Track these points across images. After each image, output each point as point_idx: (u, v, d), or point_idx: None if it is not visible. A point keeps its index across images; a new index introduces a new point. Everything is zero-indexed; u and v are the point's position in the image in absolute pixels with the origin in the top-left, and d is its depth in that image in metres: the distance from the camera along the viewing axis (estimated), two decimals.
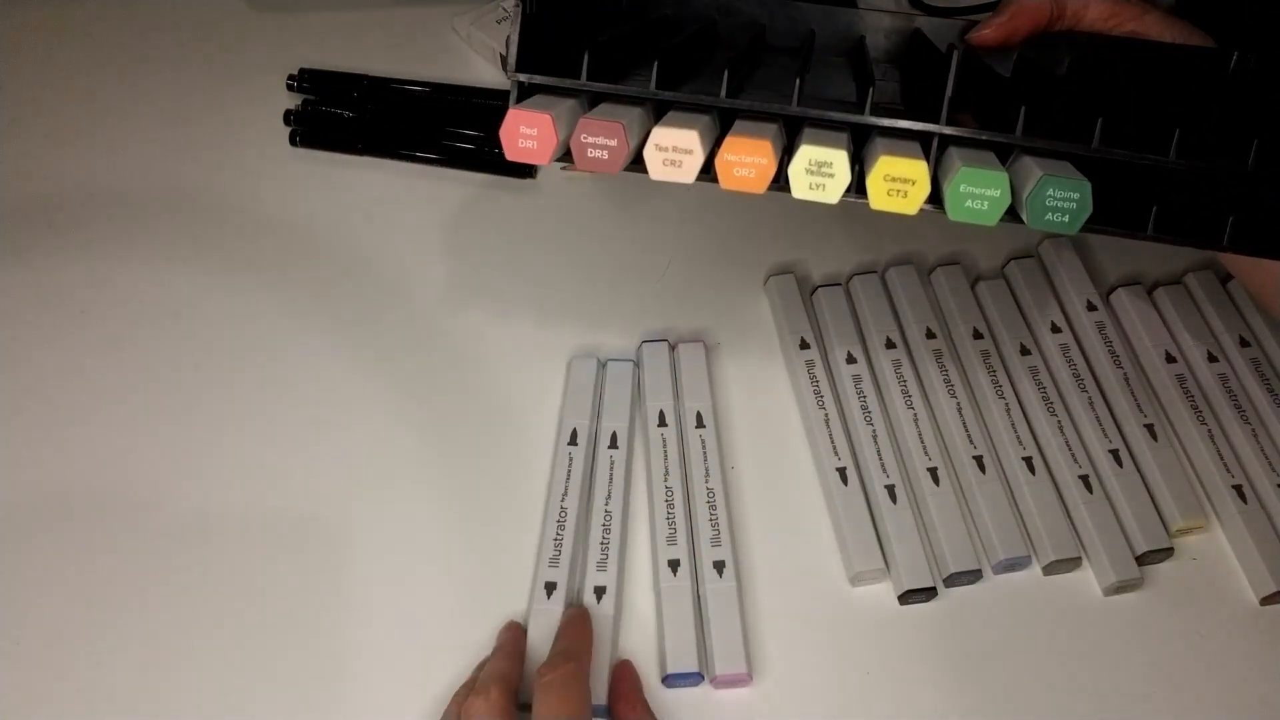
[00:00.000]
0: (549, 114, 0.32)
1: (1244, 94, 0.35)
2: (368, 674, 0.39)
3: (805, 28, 0.42)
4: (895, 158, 0.31)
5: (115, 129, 0.57)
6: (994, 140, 0.32)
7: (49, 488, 0.43)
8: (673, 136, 0.32)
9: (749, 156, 0.32)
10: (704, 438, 0.44)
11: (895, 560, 0.40)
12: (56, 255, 0.51)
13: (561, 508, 0.42)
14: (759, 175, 0.32)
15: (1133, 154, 0.31)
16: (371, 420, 0.45)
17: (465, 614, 0.40)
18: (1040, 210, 0.30)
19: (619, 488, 0.42)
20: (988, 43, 0.38)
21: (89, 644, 0.39)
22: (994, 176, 0.30)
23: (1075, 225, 0.30)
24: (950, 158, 0.32)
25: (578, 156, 0.33)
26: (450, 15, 0.62)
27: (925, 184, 0.31)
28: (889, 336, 0.47)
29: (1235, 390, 0.45)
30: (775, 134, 0.33)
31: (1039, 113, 0.32)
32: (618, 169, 0.33)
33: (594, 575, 0.40)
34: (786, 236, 0.52)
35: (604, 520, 0.41)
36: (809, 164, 0.31)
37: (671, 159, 0.32)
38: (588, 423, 0.44)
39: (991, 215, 0.31)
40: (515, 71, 0.34)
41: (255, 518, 0.42)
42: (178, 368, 0.47)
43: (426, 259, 0.51)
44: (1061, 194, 0.30)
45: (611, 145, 0.32)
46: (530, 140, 0.33)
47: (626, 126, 0.32)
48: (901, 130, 0.33)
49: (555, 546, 0.40)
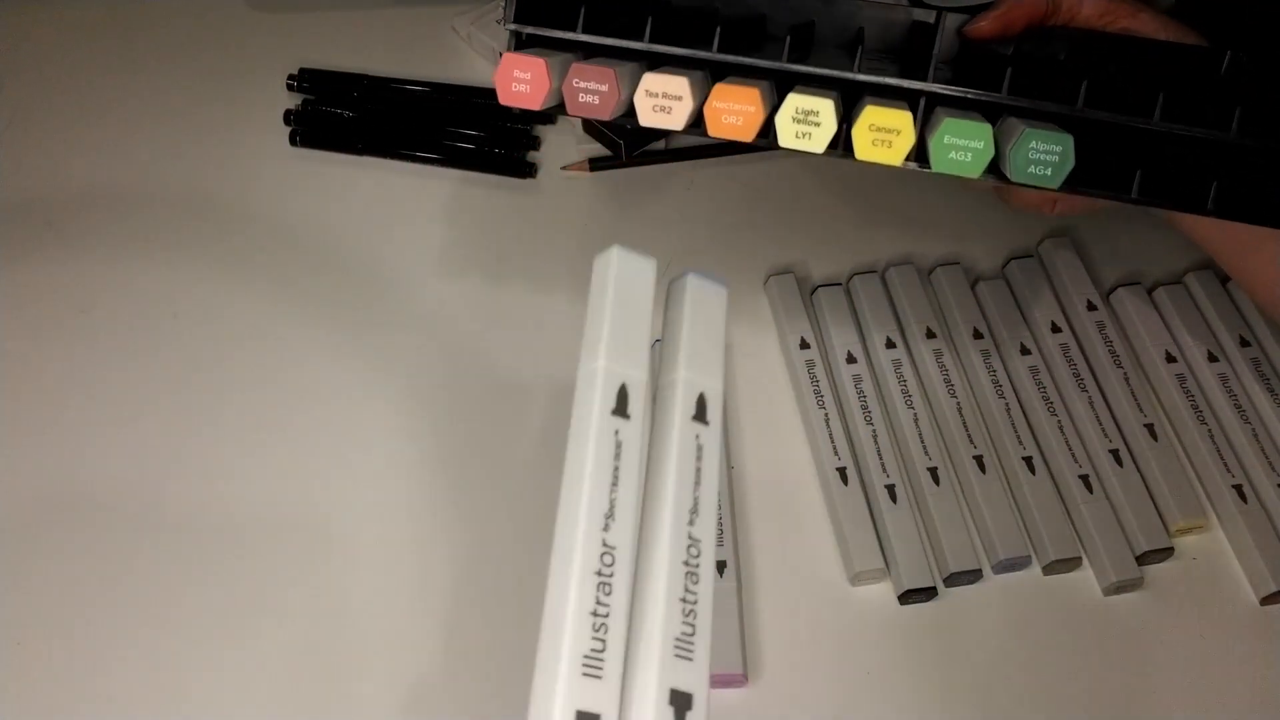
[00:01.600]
0: (543, 58, 0.33)
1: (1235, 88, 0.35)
2: (370, 675, 0.39)
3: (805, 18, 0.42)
4: (881, 108, 0.31)
5: (115, 129, 0.57)
6: (981, 99, 0.33)
7: (49, 488, 0.43)
8: (663, 83, 0.32)
9: (737, 104, 0.32)
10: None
11: (895, 560, 0.40)
12: (56, 255, 0.51)
13: None
14: (746, 123, 0.32)
15: (1117, 115, 0.32)
16: (371, 418, 0.45)
17: (468, 615, 0.40)
18: (1023, 163, 0.31)
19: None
20: (984, 35, 0.38)
21: (89, 644, 0.39)
22: (978, 128, 0.31)
23: (1057, 179, 0.31)
24: (937, 115, 0.33)
25: (569, 101, 0.33)
26: (450, 15, 0.62)
27: (910, 134, 0.31)
28: (889, 336, 0.47)
29: (1235, 390, 0.45)
30: (766, 87, 0.33)
31: (1026, 76, 0.32)
32: (609, 114, 0.33)
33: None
34: (786, 236, 0.52)
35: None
36: (796, 112, 0.32)
37: (661, 105, 0.33)
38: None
39: (975, 167, 0.31)
40: (513, 22, 0.35)
41: (257, 517, 0.42)
42: (177, 367, 0.47)
43: (426, 259, 0.51)
44: (1044, 147, 0.31)
45: (603, 90, 0.33)
46: (524, 84, 0.33)
47: (618, 73, 0.33)
48: (890, 91, 0.33)
49: None
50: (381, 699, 0.38)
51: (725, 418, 0.45)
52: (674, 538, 0.24)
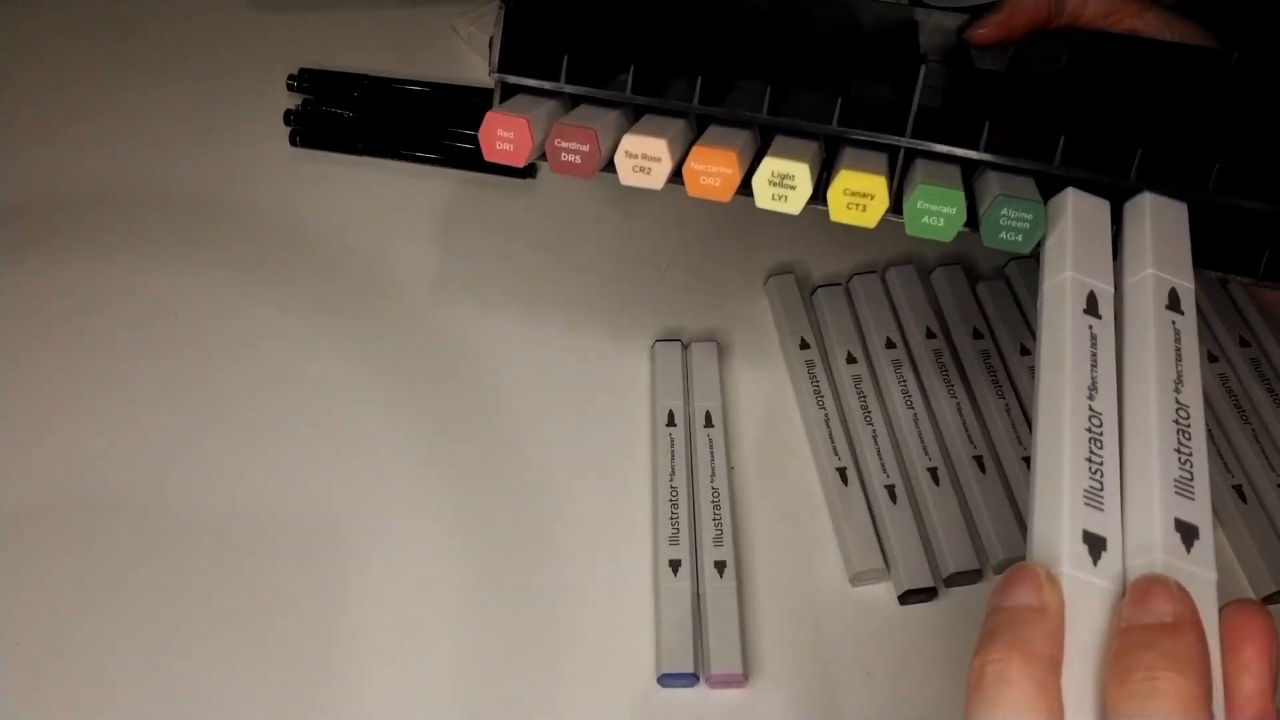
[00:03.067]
0: (525, 118, 0.33)
1: (1245, 95, 0.35)
2: (372, 674, 0.39)
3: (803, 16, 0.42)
4: (854, 172, 0.31)
5: (115, 129, 0.57)
6: (958, 156, 0.33)
7: (48, 487, 0.43)
8: (642, 144, 0.33)
9: (714, 166, 0.32)
10: (711, 437, 0.44)
11: (895, 560, 0.40)
12: (56, 255, 0.51)
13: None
14: (724, 184, 0.32)
15: (1095, 174, 0.31)
16: (371, 418, 0.45)
17: (470, 615, 0.40)
18: (994, 229, 0.31)
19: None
20: (985, 41, 0.38)
21: (89, 644, 0.39)
22: (950, 195, 0.31)
23: (1028, 245, 0.31)
24: (914, 170, 0.33)
25: (552, 160, 0.34)
26: (450, 15, 0.62)
27: (884, 199, 0.31)
28: (889, 336, 0.47)
29: (1235, 390, 0.45)
30: (745, 142, 0.33)
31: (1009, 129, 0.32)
32: (591, 174, 0.34)
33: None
34: (786, 236, 0.52)
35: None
36: (771, 175, 0.32)
37: (641, 165, 0.33)
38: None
39: (947, 232, 0.31)
40: (497, 72, 0.35)
41: (258, 517, 0.42)
42: (177, 367, 0.47)
43: (426, 259, 0.51)
44: (1015, 214, 0.30)
45: (584, 150, 0.33)
46: (507, 143, 0.34)
47: (599, 132, 0.33)
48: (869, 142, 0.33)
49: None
50: (386, 700, 0.38)
51: (725, 417, 0.45)
52: (1161, 401, 0.25)
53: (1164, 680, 0.21)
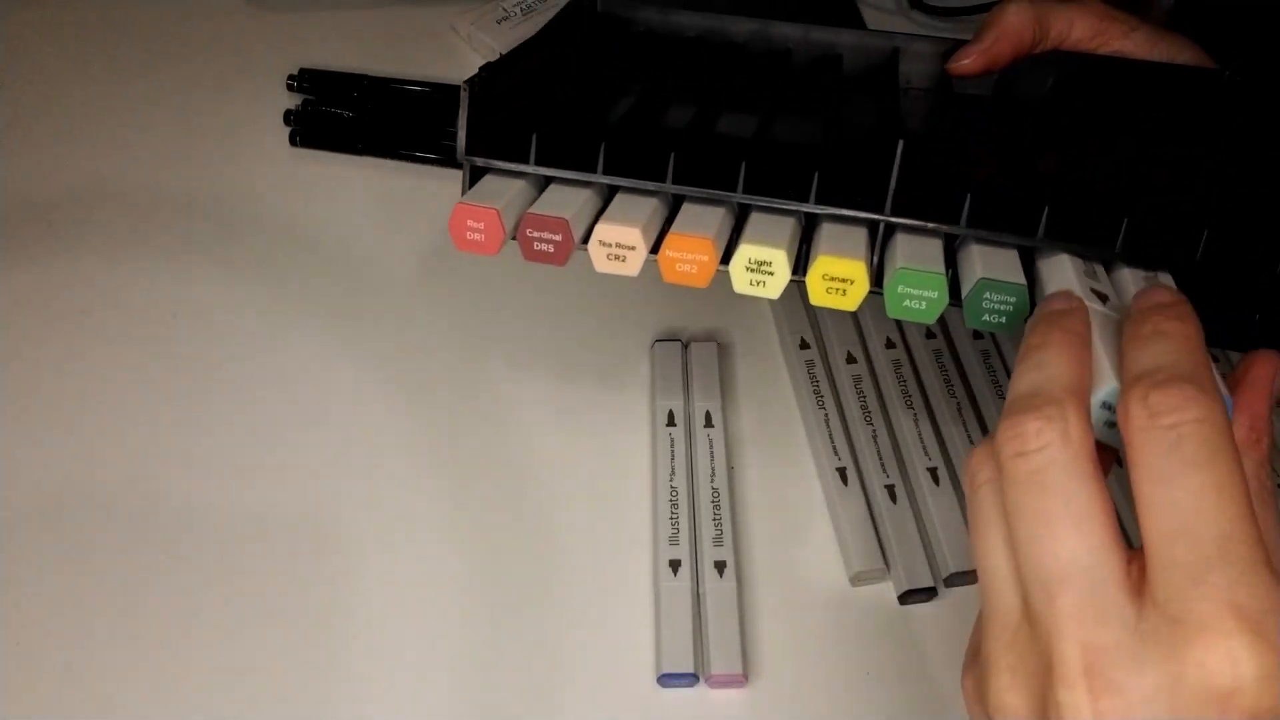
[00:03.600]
0: (495, 208, 0.33)
1: (1238, 112, 0.35)
2: (372, 674, 0.39)
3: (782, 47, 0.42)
4: (833, 258, 0.31)
5: (115, 129, 0.57)
6: (939, 230, 0.32)
7: (48, 488, 0.43)
8: (615, 233, 0.32)
9: (690, 254, 0.32)
10: (711, 437, 0.44)
11: (895, 560, 0.40)
12: (56, 255, 0.51)
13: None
14: (700, 271, 0.32)
15: (1078, 247, 0.31)
16: (371, 417, 0.45)
17: (470, 615, 0.40)
18: (978, 312, 0.30)
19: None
20: (969, 72, 0.37)
21: (89, 644, 0.39)
22: (931, 279, 0.30)
23: (1011, 327, 0.30)
24: (894, 246, 0.32)
25: (524, 250, 0.33)
26: (450, 15, 0.62)
27: (864, 283, 0.31)
28: (889, 336, 0.47)
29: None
30: (720, 222, 0.33)
31: (985, 206, 0.31)
32: (564, 261, 0.33)
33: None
34: None
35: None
36: (749, 263, 0.31)
37: (615, 254, 0.32)
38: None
39: (930, 315, 0.31)
40: (465, 154, 0.35)
41: (258, 517, 0.42)
42: (177, 367, 0.47)
43: (426, 259, 0.51)
44: (999, 298, 0.30)
45: (557, 240, 0.33)
46: (478, 233, 0.33)
47: (571, 221, 0.32)
48: (848, 216, 0.33)
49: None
50: (386, 699, 0.38)
51: (725, 417, 0.45)
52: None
53: (1169, 325, 0.24)
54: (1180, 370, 0.22)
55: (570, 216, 0.32)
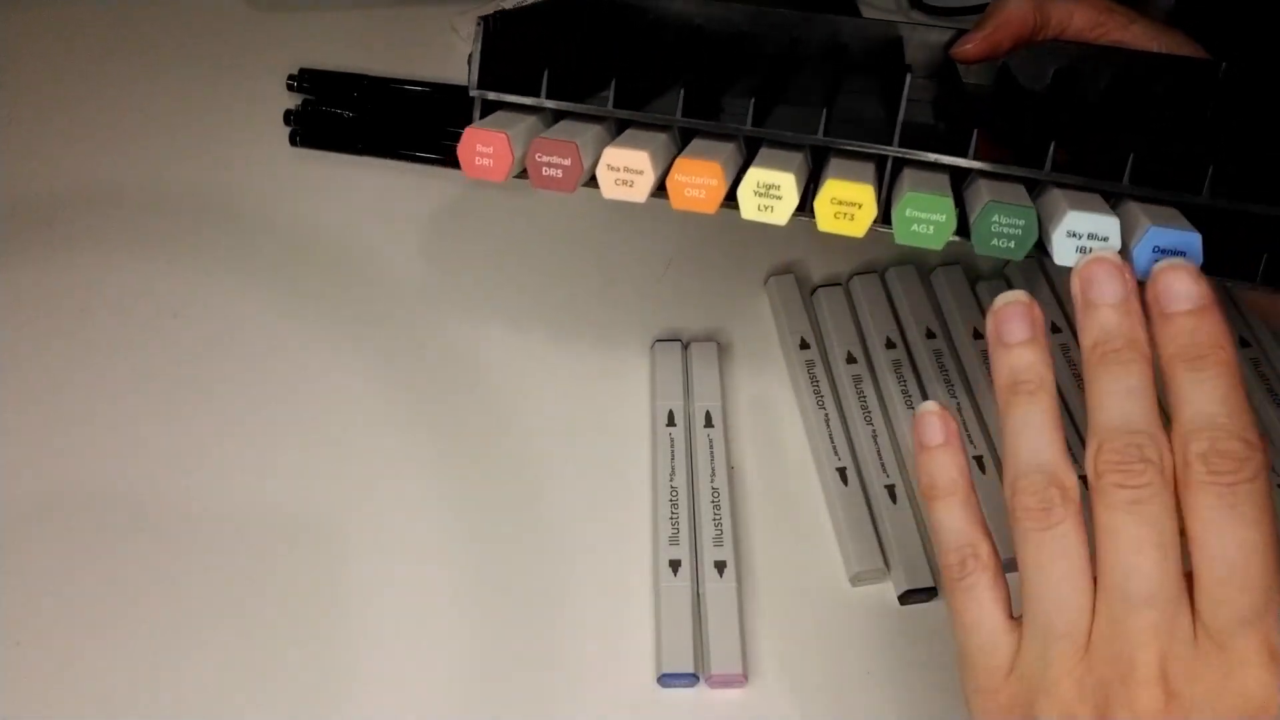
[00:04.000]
0: (504, 132, 0.33)
1: (1236, 106, 0.35)
2: (373, 674, 0.39)
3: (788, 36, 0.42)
4: (842, 181, 0.31)
5: (115, 129, 0.57)
6: (948, 164, 0.32)
7: (49, 488, 0.43)
8: (624, 157, 0.32)
9: (699, 178, 0.32)
10: (711, 437, 0.44)
11: (895, 560, 0.40)
12: (56, 255, 0.51)
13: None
14: (709, 196, 0.32)
15: (1087, 180, 0.31)
16: (371, 419, 0.46)
17: (470, 616, 0.40)
18: (986, 236, 0.30)
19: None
20: (971, 57, 0.37)
21: (89, 644, 0.39)
22: (939, 201, 0.30)
23: (1021, 252, 0.30)
24: (902, 180, 0.32)
25: (533, 176, 0.33)
26: (450, 15, 0.62)
27: (872, 208, 0.31)
28: (889, 336, 0.47)
29: None
30: (730, 154, 0.33)
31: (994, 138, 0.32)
32: (573, 188, 0.33)
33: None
34: (787, 236, 0.52)
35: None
36: (757, 186, 0.31)
37: (623, 179, 0.33)
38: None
39: (937, 240, 0.31)
40: (476, 89, 0.35)
41: (259, 517, 0.42)
42: (177, 368, 0.47)
43: (426, 259, 0.51)
44: (1007, 221, 0.30)
45: (565, 165, 0.33)
46: (486, 158, 0.33)
47: (581, 146, 0.33)
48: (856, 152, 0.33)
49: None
50: (387, 700, 0.38)
51: (725, 417, 0.45)
52: None
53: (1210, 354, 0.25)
54: (1233, 424, 0.24)
55: (580, 142, 0.33)
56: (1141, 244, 0.29)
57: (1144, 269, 0.29)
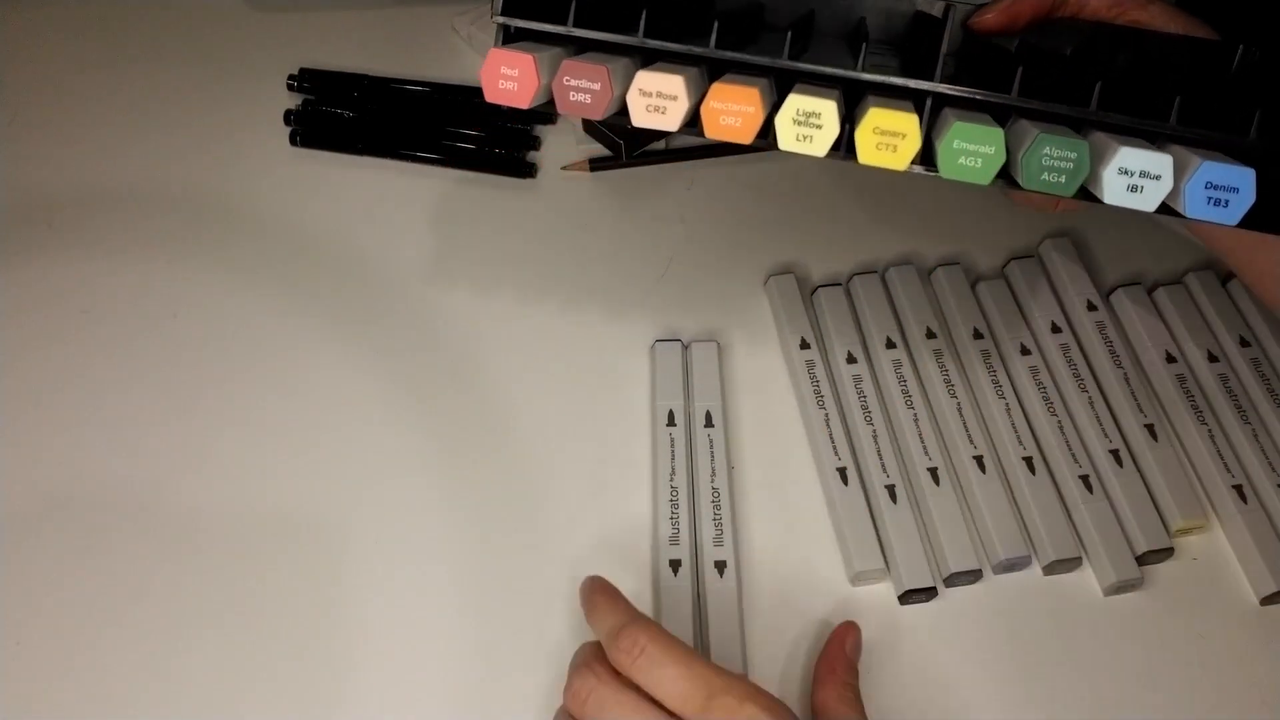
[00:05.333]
0: (531, 54, 0.32)
1: (1248, 85, 0.35)
2: (375, 674, 0.39)
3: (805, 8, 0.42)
4: (886, 110, 0.30)
5: (115, 129, 0.57)
6: (990, 101, 0.31)
7: (49, 488, 0.43)
8: (658, 81, 0.31)
9: (736, 104, 0.31)
10: (711, 437, 0.44)
11: (895, 560, 0.40)
12: (56, 255, 0.51)
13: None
14: (745, 125, 0.31)
15: (1133, 119, 0.30)
16: (371, 419, 0.45)
17: (471, 616, 0.40)
18: (1036, 170, 0.29)
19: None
20: (990, 27, 0.37)
21: (89, 644, 0.39)
22: (989, 133, 0.29)
23: (1072, 186, 0.29)
24: (945, 117, 0.31)
25: (559, 99, 0.32)
26: (450, 15, 0.62)
27: (916, 137, 0.30)
28: (889, 336, 0.47)
29: (1235, 390, 0.45)
30: (765, 86, 0.32)
31: (1037, 77, 0.31)
32: (601, 114, 0.32)
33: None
34: (787, 236, 0.52)
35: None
36: (797, 114, 0.30)
37: (656, 105, 0.31)
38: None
39: (985, 173, 0.30)
40: (500, 15, 0.34)
41: (259, 516, 0.42)
42: (177, 368, 0.47)
43: (426, 259, 0.51)
44: (1059, 153, 0.29)
45: (594, 89, 0.31)
46: (511, 82, 0.32)
47: (611, 71, 0.32)
48: (895, 90, 0.32)
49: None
50: (388, 700, 0.38)
51: (725, 417, 0.45)
52: None
53: None
54: None
55: (610, 66, 0.32)
56: (1194, 180, 0.28)
57: (1196, 209, 0.28)
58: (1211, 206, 0.29)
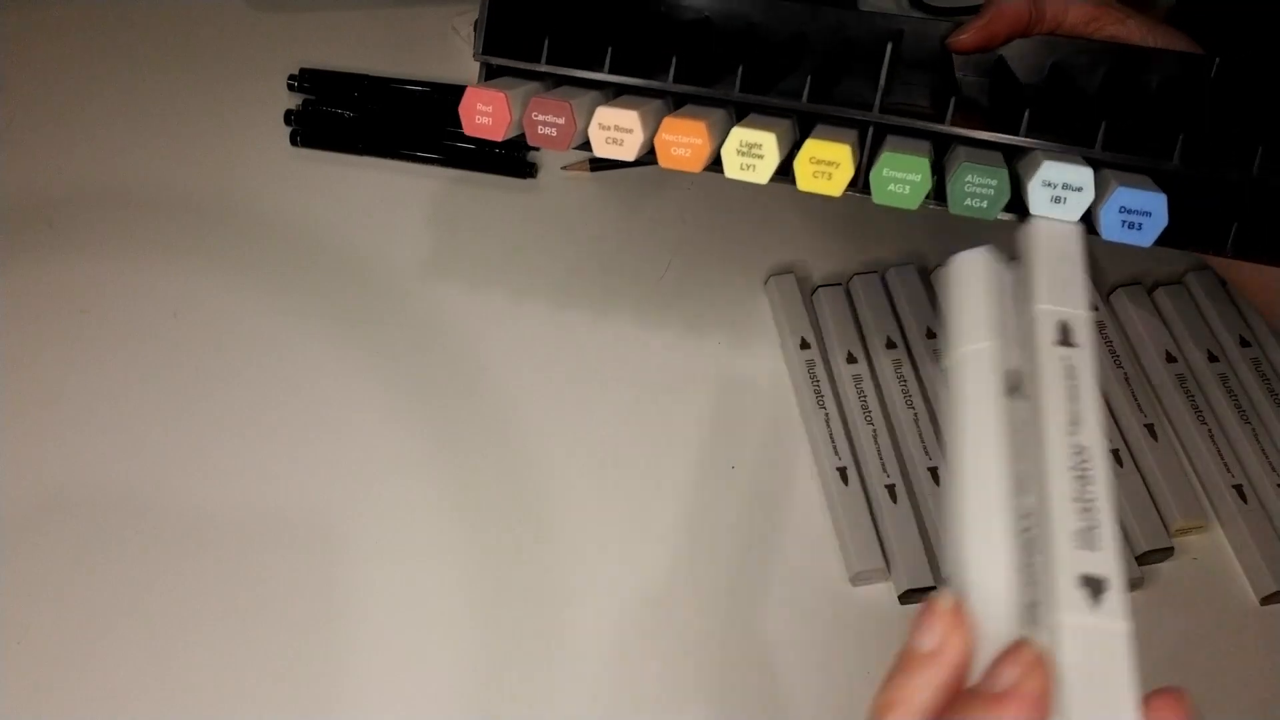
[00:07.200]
0: (503, 92, 0.34)
1: (1228, 100, 0.35)
2: (375, 676, 0.39)
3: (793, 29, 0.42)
4: (820, 141, 0.32)
5: (115, 129, 0.57)
6: (927, 130, 0.33)
7: (49, 488, 0.43)
8: (615, 116, 0.34)
9: (685, 137, 0.33)
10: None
11: (895, 560, 0.40)
12: (56, 255, 0.51)
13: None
14: (694, 155, 0.33)
15: (1062, 145, 0.32)
16: (370, 419, 0.45)
17: (471, 616, 0.40)
18: (960, 196, 0.32)
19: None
20: (967, 47, 0.38)
21: (89, 644, 0.39)
22: (915, 161, 0.31)
23: (993, 211, 0.31)
24: (883, 145, 0.33)
25: (529, 133, 0.35)
26: (450, 15, 0.62)
27: (849, 167, 0.32)
28: (889, 336, 0.47)
29: (1235, 390, 0.45)
30: (718, 118, 0.34)
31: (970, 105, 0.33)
32: (566, 146, 0.35)
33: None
34: (787, 236, 0.52)
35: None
36: (739, 145, 0.33)
37: (614, 137, 0.34)
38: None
39: (913, 200, 0.32)
40: (481, 54, 0.37)
41: (258, 516, 0.42)
42: (177, 368, 0.47)
43: (426, 259, 0.51)
44: (980, 181, 0.31)
45: (559, 123, 0.34)
46: (486, 117, 0.35)
47: (575, 106, 0.34)
48: (840, 119, 0.34)
49: None
50: (390, 700, 0.38)
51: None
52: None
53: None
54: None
55: (574, 103, 0.34)
56: (1109, 204, 0.30)
57: (1112, 231, 0.30)
58: (1126, 229, 0.31)
